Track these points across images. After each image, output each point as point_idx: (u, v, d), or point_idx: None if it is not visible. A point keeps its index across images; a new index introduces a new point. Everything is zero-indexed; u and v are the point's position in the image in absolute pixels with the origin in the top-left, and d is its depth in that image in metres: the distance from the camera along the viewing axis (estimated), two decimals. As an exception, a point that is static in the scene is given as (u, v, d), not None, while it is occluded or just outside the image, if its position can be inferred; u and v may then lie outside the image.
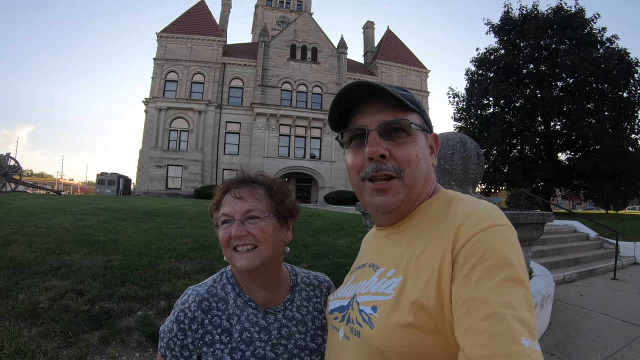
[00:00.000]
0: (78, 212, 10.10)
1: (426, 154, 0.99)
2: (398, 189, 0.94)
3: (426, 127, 1.00)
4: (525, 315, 0.68)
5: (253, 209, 1.17)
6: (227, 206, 1.18)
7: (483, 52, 30.73)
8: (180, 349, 1.14)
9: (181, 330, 1.15)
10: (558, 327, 5.21)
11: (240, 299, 1.22)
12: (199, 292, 1.20)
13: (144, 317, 4.00)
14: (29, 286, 4.35)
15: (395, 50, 46.69)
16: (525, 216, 3.95)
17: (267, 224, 1.17)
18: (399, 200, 0.96)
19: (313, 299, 1.33)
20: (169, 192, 35.88)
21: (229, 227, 1.15)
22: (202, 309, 1.16)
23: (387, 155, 0.93)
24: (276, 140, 39.58)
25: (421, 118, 1.00)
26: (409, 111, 0.96)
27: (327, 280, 1.43)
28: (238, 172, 1.27)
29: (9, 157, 25.01)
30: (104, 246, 6.34)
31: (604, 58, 24.56)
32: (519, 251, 0.78)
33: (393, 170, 0.93)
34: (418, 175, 0.95)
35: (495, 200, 36.15)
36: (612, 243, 11.08)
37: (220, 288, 1.23)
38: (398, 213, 1.00)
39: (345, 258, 6.56)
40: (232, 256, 1.16)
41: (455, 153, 3.77)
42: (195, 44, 39.69)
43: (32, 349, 3.21)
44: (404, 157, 0.93)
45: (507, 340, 0.64)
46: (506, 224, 0.82)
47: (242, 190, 1.20)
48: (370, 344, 0.85)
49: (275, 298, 1.26)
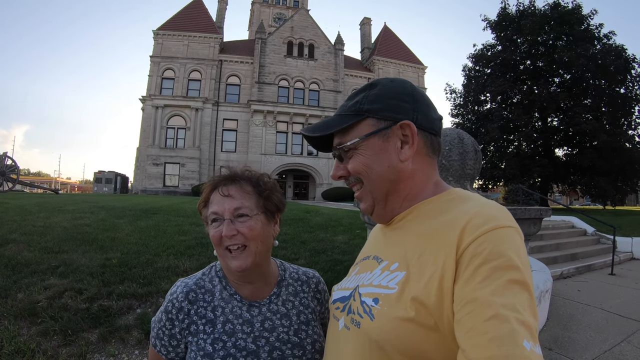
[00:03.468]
0: (76, 211, 10.09)
1: (380, 156, 0.97)
2: (366, 196, 1.01)
3: (381, 126, 0.97)
4: (528, 319, 0.67)
5: (242, 207, 1.18)
6: (215, 204, 1.19)
7: (480, 49, 30.85)
8: (169, 339, 1.19)
9: (169, 320, 1.18)
10: (556, 322, 5.22)
11: (225, 292, 1.24)
12: (187, 284, 1.24)
13: (143, 314, 4.00)
14: (27, 285, 4.35)
15: (392, 47, 46.64)
16: (522, 211, 3.96)
17: (255, 222, 1.19)
18: (370, 205, 1.01)
19: (300, 294, 1.34)
20: (167, 190, 35.84)
21: (220, 226, 1.16)
22: (189, 299, 1.20)
23: (346, 173, 1.01)
24: (273, 137, 39.58)
25: (373, 119, 0.97)
26: (355, 125, 0.98)
27: (317, 276, 1.44)
28: (224, 168, 1.28)
29: (5, 157, 24.91)
30: (102, 244, 6.34)
31: (601, 54, 24.62)
32: (524, 254, 0.78)
33: (355, 181, 1.01)
34: (373, 180, 0.97)
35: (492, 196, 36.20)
36: (609, 238, 11.10)
37: (208, 281, 1.26)
38: (380, 215, 1.03)
39: (343, 254, 6.58)
40: (225, 255, 1.18)
41: (452, 149, 3.77)
42: (192, 41, 39.60)
43: (32, 348, 3.22)
44: (354, 171, 0.98)
45: (509, 343, 0.64)
46: (513, 226, 0.82)
47: (230, 188, 1.21)
48: (369, 336, 0.85)
49: (260, 292, 1.28)
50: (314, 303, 1.33)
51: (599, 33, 26.71)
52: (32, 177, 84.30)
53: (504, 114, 27.49)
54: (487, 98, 30.05)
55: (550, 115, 27.66)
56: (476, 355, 0.65)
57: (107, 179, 40.19)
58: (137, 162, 39.68)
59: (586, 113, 24.88)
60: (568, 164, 27.50)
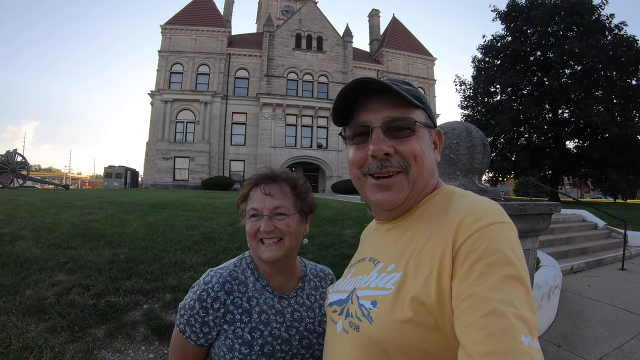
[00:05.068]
0: (85, 207, 10.15)
1: (430, 149, 0.99)
2: (403, 185, 0.94)
3: (430, 124, 1.00)
4: (525, 313, 0.68)
5: (281, 206, 1.29)
6: (256, 201, 1.30)
7: (490, 40, 30.62)
8: (201, 325, 1.23)
9: (203, 308, 1.23)
10: (565, 318, 5.19)
11: (258, 284, 1.33)
12: (222, 275, 1.29)
13: (149, 310, 4.01)
14: (36, 282, 4.39)
15: (401, 38, 46.32)
16: (532, 206, 3.91)
17: (291, 220, 1.29)
18: (403, 197, 0.95)
19: (319, 289, 1.47)
20: (177, 184, 36.02)
21: (258, 221, 1.27)
22: (225, 290, 1.26)
23: (392, 152, 0.93)
24: (283, 130, 39.52)
25: (425, 114, 0.99)
26: (413, 108, 0.95)
27: (331, 274, 1.58)
28: (264, 168, 1.38)
29: (15, 153, 25.09)
30: (110, 240, 6.37)
31: (612, 45, 24.33)
32: (519, 249, 0.78)
33: (398, 166, 0.93)
34: (423, 170, 0.95)
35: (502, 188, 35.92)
36: (620, 232, 11.02)
37: (241, 272, 1.34)
38: (401, 209, 1.00)
39: (351, 249, 6.56)
40: (257, 247, 1.29)
41: (460, 142, 3.73)
42: (200, 35, 39.56)
43: (40, 344, 3.24)
44: (410, 152, 0.93)
45: (506, 338, 0.64)
46: (507, 221, 0.82)
47: (272, 187, 1.31)
48: (370, 339, 0.85)
49: (288, 285, 1.39)
50: None
51: (610, 24, 26.37)
52: (43, 173, 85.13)
53: (514, 105, 27.27)
54: (497, 90, 29.84)
55: (560, 107, 27.44)
56: (475, 350, 0.66)
57: (117, 174, 40.44)
58: (147, 157, 39.96)
59: (597, 105, 24.58)
60: (579, 156, 27.28)
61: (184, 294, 1.38)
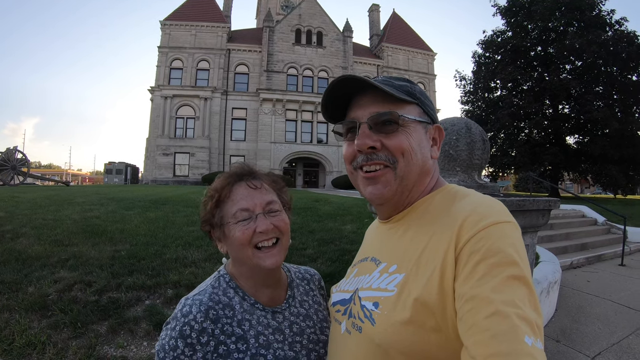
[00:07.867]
0: (86, 203, 10.16)
1: (423, 145, 0.98)
2: (389, 179, 0.95)
3: (425, 119, 0.99)
4: (529, 314, 0.68)
5: (272, 201, 1.13)
6: (243, 199, 1.10)
7: (490, 35, 30.58)
8: None
9: (188, 345, 0.99)
10: (564, 313, 5.20)
11: (245, 303, 1.13)
12: (202, 301, 1.07)
13: (151, 306, 4.03)
14: (38, 278, 4.39)
15: (401, 33, 46.21)
16: (531, 202, 3.92)
17: (285, 216, 1.15)
18: (391, 192, 0.96)
19: (310, 292, 1.30)
20: (177, 180, 36.02)
21: (250, 223, 1.08)
22: (210, 318, 1.04)
23: (379, 146, 0.94)
24: (283, 125, 39.45)
25: (419, 110, 0.99)
26: (403, 103, 0.96)
27: (317, 273, 1.42)
28: (235, 166, 1.20)
29: (16, 150, 25.08)
30: (111, 236, 6.38)
31: (612, 41, 24.29)
32: (522, 249, 0.77)
33: (385, 160, 0.94)
34: (412, 165, 0.95)
35: (502, 184, 35.91)
36: (620, 228, 11.02)
37: (222, 294, 1.12)
38: (392, 205, 1.01)
39: (351, 244, 6.57)
40: (253, 256, 1.09)
41: (460, 138, 3.73)
42: (200, 30, 39.47)
43: (43, 341, 3.25)
44: (397, 147, 0.93)
45: (510, 339, 0.64)
46: (510, 221, 0.82)
47: (256, 182, 1.15)
48: (372, 340, 0.85)
49: (277, 297, 1.21)
50: (322, 300, 1.32)
51: (611, 19, 26.32)
52: (43, 170, 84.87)
53: (515, 101, 27.24)
54: (497, 85, 29.82)
55: (561, 102, 27.39)
56: (478, 352, 0.65)
57: (117, 170, 40.49)
58: (147, 153, 39.85)
59: (597, 100, 24.59)
60: (579, 152, 27.23)
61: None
